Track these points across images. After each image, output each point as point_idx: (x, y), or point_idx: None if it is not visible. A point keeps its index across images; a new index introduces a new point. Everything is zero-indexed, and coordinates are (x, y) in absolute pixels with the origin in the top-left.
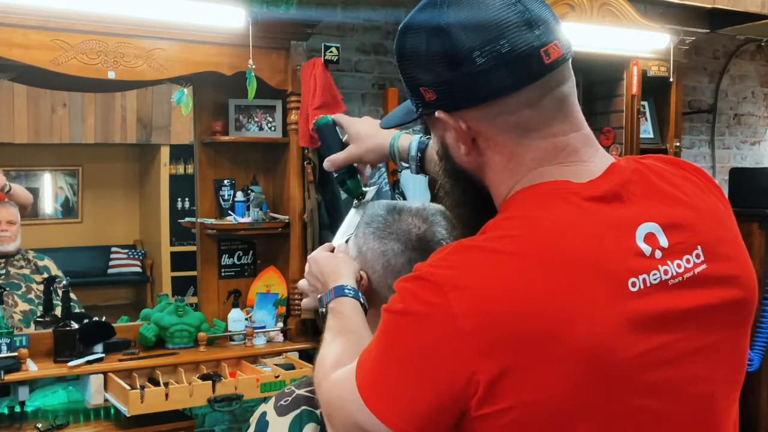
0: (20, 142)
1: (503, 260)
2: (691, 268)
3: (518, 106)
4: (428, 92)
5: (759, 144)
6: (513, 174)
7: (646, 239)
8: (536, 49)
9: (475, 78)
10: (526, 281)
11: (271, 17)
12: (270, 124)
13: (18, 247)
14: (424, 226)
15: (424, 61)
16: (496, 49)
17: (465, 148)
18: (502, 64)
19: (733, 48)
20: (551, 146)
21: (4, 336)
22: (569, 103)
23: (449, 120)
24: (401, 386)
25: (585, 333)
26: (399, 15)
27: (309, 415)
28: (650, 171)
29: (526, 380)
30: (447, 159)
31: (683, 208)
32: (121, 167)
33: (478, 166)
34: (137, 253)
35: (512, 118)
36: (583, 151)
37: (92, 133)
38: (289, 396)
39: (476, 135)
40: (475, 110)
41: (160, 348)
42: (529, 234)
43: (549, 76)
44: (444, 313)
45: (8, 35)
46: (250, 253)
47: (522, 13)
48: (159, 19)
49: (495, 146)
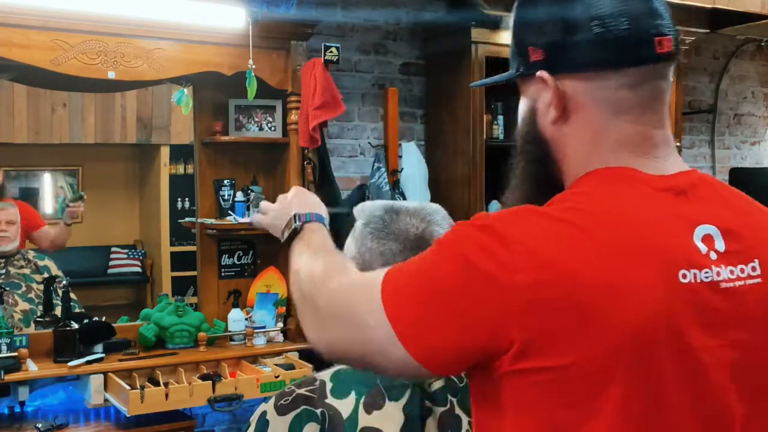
0: (20, 142)
1: (566, 229)
2: (744, 278)
3: (619, 85)
4: (536, 52)
5: (759, 144)
6: (593, 151)
7: (703, 239)
8: (652, 35)
9: (586, 45)
10: (584, 252)
11: (271, 17)
12: (270, 124)
13: (18, 247)
14: (422, 226)
15: (541, 21)
16: (615, 24)
17: (555, 113)
18: (617, 39)
19: (733, 48)
20: (636, 133)
21: (4, 336)
22: (662, 101)
23: (550, 81)
24: (436, 319)
25: (631, 311)
26: (399, 15)
27: (309, 414)
28: (718, 183)
29: (566, 344)
30: (531, 124)
31: (746, 220)
32: (121, 167)
33: (561, 137)
34: (137, 253)
35: (610, 94)
36: (661, 148)
37: (92, 133)
38: (289, 395)
39: (569, 103)
40: (576, 78)
41: (160, 348)
42: (594, 209)
43: (655, 66)
44: (503, 266)
45: (8, 35)
46: (250, 253)
47: (646, 1)
48: (159, 19)
49: (584, 119)
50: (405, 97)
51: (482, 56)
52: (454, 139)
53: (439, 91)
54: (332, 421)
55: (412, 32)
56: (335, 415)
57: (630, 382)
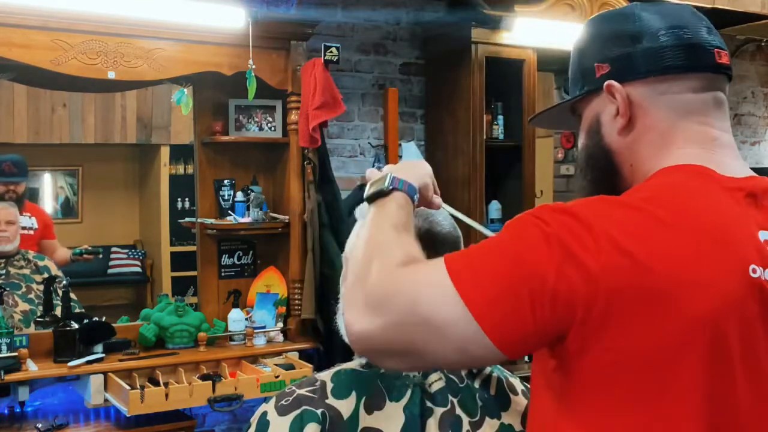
0: (20, 142)
1: (644, 218)
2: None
3: (684, 89)
4: (602, 67)
5: (759, 144)
6: (661, 151)
7: (766, 243)
8: (712, 46)
9: (654, 52)
10: (661, 241)
11: (271, 17)
12: (270, 124)
13: (18, 247)
14: (425, 226)
15: (607, 38)
16: (679, 33)
17: (623, 121)
18: (682, 46)
19: (733, 48)
20: (704, 132)
21: (4, 336)
22: (724, 110)
23: (618, 88)
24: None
25: (705, 302)
26: (399, 15)
27: (310, 414)
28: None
29: (638, 329)
30: (597, 136)
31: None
32: (121, 167)
33: (627, 146)
34: (137, 253)
35: (676, 98)
36: (728, 150)
37: (92, 133)
38: (289, 396)
39: (636, 110)
40: (644, 84)
41: (160, 348)
42: (670, 199)
43: (716, 76)
44: (587, 249)
45: (8, 35)
46: (250, 253)
47: (703, 21)
48: (159, 19)
49: (651, 123)
50: (405, 97)
51: (482, 56)
52: (454, 139)
53: (439, 91)
54: (333, 422)
55: (412, 32)
56: (336, 415)
57: (699, 371)
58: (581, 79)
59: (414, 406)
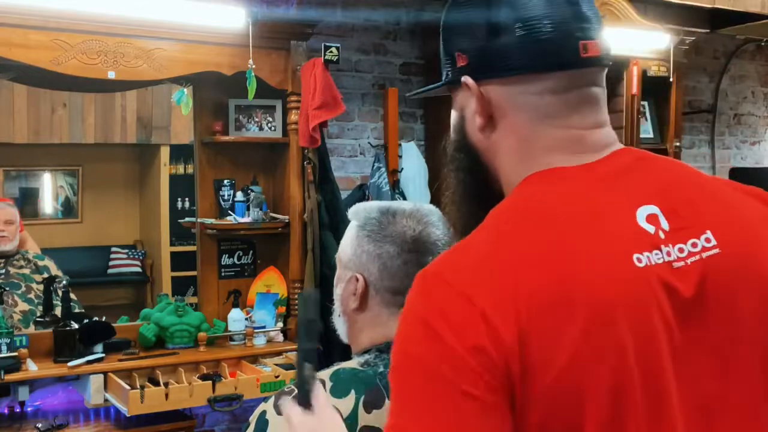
0: (20, 142)
1: (505, 238)
2: (699, 251)
3: (542, 90)
4: (461, 57)
5: (759, 144)
6: (521, 159)
7: (648, 219)
8: (576, 39)
9: (509, 48)
10: (534, 259)
11: (271, 17)
12: (270, 124)
13: (17, 247)
14: (419, 228)
15: (466, 26)
16: (538, 26)
17: (481, 120)
18: (539, 42)
19: (733, 48)
20: (564, 137)
21: (4, 336)
22: (594, 105)
23: (473, 87)
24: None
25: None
26: (399, 15)
27: None
28: (660, 160)
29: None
30: (461, 132)
31: (691, 192)
32: (121, 167)
33: (490, 145)
34: (137, 253)
35: (533, 100)
36: (594, 147)
37: (92, 133)
38: (289, 395)
39: (495, 110)
40: (500, 83)
41: (160, 348)
42: (531, 215)
43: (581, 71)
44: (464, 326)
45: (8, 35)
46: (250, 253)
47: (573, 5)
48: (159, 19)
49: (510, 126)
50: (405, 97)
51: None
52: None
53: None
54: None
55: (412, 32)
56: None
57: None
58: (446, 64)
59: None
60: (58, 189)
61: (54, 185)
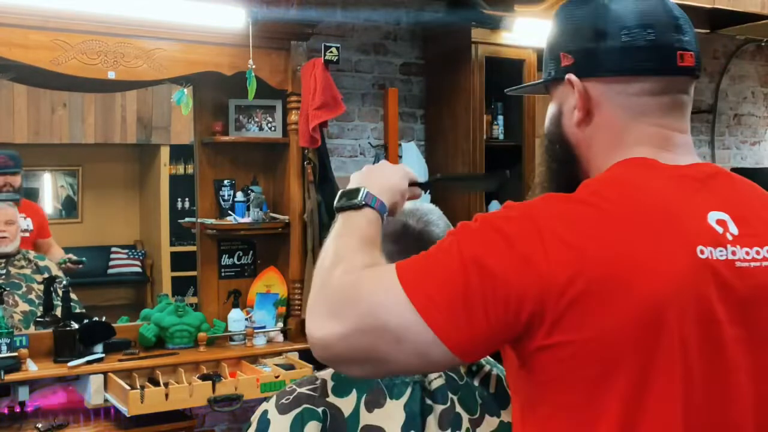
0: (20, 142)
1: (588, 211)
2: (760, 259)
3: (640, 91)
4: (567, 57)
5: (759, 144)
6: (614, 149)
7: (717, 222)
8: (675, 48)
9: (614, 51)
10: (605, 232)
11: (271, 17)
12: (270, 124)
13: (18, 248)
14: (419, 226)
15: (574, 29)
16: (642, 33)
17: (579, 115)
18: (642, 48)
19: (733, 48)
20: (655, 133)
21: (4, 336)
22: (684, 111)
23: (577, 83)
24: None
25: (653, 284)
26: (399, 15)
27: (310, 413)
28: (737, 177)
29: (589, 319)
30: (557, 125)
31: (759, 210)
32: (121, 167)
33: (584, 139)
34: (137, 253)
35: (631, 100)
36: (681, 148)
37: (92, 133)
38: (290, 394)
39: (593, 106)
40: (602, 82)
41: (160, 348)
42: (614, 191)
43: (676, 78)
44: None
45: (8, 35)
46: (250, 253)
47: (674, 19)
48: (159, 19)
49: (606, 121)
50: (405, 97)
51: (482, 56)
52: (454, 139)
53: (439, 91)
54: (334, 420)
55: (412, 32)
56: (337, 413)
57: (652, 353)
58: (549, 64)
59: (414, 403)
60: (58, 189)
61: (54, 185)
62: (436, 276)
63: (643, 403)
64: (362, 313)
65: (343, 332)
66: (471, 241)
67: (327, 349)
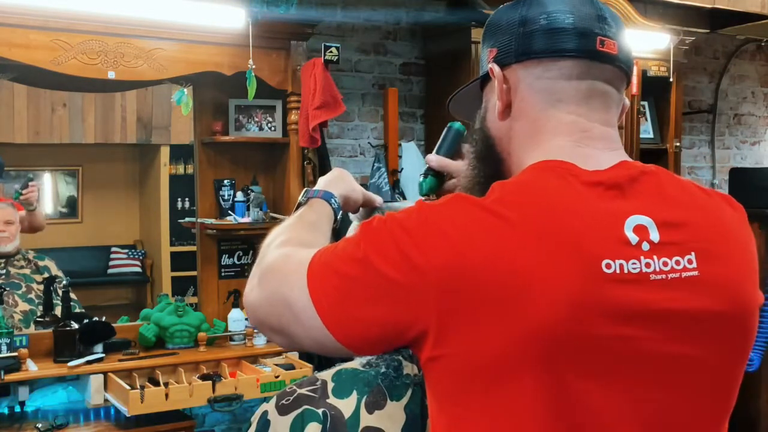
0: (20, 142)
1: (489, 219)
2: (680, 270)
3: (558, 75)
4: (492, 51)
5: (759, 144)
6: (532, 140)
7: (635, 230)
8: (595, 34)
9: (531, 35)
10: (502, 242)
11: (271, 17)
12: (270, 124)
13: (18, 248)
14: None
15: (498, 25)
16: (561, 17)
17: (500, 105)
18: (559, 30)
19: (733, 48)
20: (572, 123)
21: (4, 336)
22: (606, 101)
23: (497, 73)
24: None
25: (542, 301)
26: (399, 15)
27: (310, 414)
28: (667, 177)
29: (476, 332)
30: (482, 121)
31: (688, 213)
32: (121, 167)
33: (507, 132)
34: (137, 253)
35: (548, 84)
36: (600, 142)
37: (92, 133)
38: (290, 395)
39: (513, 95)
40: (521, 67)
41: (160, 348)
42: (521, 200)
43: (596, 64)
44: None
45: (8, 35)
46: (250, 253)
47: (598, 10)
48: (159, 19)
49: (524, 108)
50: (405, 97)
51: None
52: None
53: (439, 91)
54: (334, 421)
55: (412, 32)
56: (337, 414)
57: (541, 373)
58: (482, 66)
59: (415, 405)
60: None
61: (54, 185)
62: (334, 266)
63: (525, 426)
64: (276, 285)
65: (260, 299)
66: (369, 238)
67: (251, 313)
